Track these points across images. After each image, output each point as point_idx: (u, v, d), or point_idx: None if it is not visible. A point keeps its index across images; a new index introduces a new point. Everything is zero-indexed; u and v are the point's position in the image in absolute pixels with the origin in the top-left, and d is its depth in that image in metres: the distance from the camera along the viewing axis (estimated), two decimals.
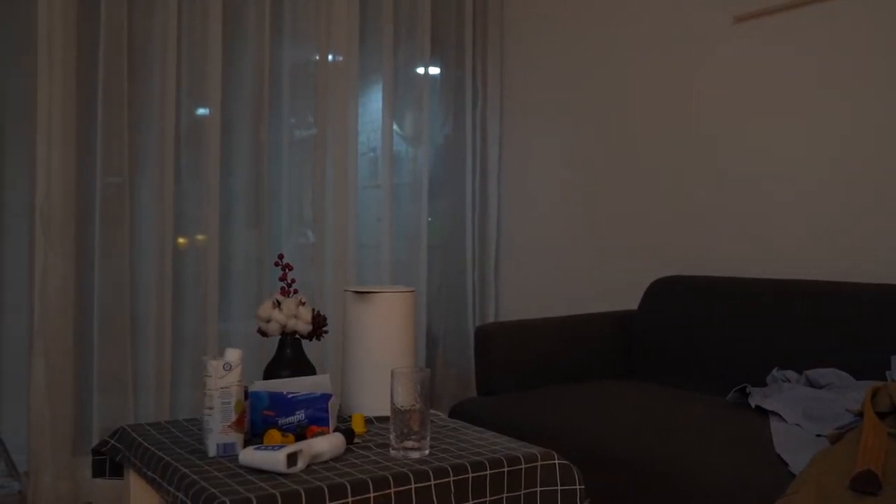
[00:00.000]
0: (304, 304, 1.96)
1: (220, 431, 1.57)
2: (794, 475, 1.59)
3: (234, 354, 1.60)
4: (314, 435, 1.63)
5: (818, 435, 1.77)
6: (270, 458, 1.44)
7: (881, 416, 1.56)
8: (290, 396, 1.71)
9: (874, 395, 1.61)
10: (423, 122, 3.54)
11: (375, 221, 3.47)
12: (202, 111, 3.06)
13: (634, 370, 2.69)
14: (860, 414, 1.62)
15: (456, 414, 2.41)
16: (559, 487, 1.61)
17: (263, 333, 1.96)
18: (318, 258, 3.26)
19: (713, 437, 1.85)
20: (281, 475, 1.43)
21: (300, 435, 1.64)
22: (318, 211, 3.27)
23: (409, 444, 1.56)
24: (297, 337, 1.96)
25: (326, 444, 1.54)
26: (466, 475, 1.50)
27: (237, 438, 1.59)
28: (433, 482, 1.46)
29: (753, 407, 2.05)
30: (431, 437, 1.64)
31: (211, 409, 1.57)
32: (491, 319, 3.71)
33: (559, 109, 3.46)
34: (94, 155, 2.82)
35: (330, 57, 3.29)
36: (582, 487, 1.62)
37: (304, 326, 1.94)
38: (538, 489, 1.60)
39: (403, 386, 1.56)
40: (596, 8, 3.29)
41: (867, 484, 1.32)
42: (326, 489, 1.37)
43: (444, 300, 3.66)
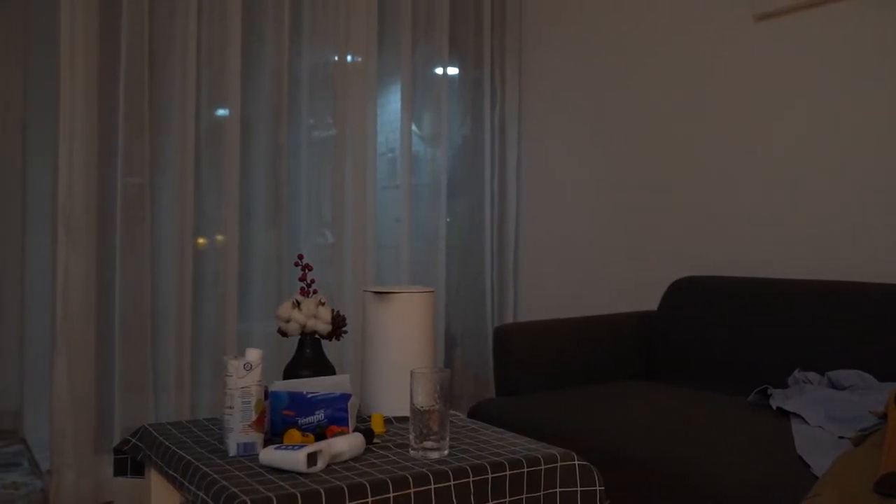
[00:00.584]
0: (323, 304, 1.96)
1: (240, 431, 1.58)
2: (816, 478, 1.58)
3: (254, 354, 1.61)
4: (334, 435, 1.63)
5: (841, 437, 1.75)
6: (290, 457, 1.44)
7: None
8: (309, 396, 1.71)
9: None
10: (441, 122, 3.54)
11: (394, 222, 3.47)
12: (222, 113, 3.08)
13: (654, 371, 2.68)
14: (884, 416, 1.61)
15: (475, 414, 2.41)
16: (579, 488, 1.61)
17: (283, 333, 1.97)
18: (336, 258, 3.27)
19: (734, 438, 1.83)
20: (301, 475, 1.43)
21: (320, 435, 1.64)
22: (336, 211, 3.28)
23: (428, 444, 1.56)
24: (316, 337, 1.96)
25: (346, 443, 1.54)
26: (486, 476, 1.50)
27: (257, 438, 1.60)
28: (452, 482, 1.46)
29: (775, 409, 2.04)
30: (451, 437, 1.64)
31: (231, 408, 1.58)
32: (509, 320, 3.70)
33: (577, 109, 3.45)
34: (115, 156, 2.85)
35: (349, 58, 3.30)
36: (602, 488, 1.61)
37: (323, 326, 1.94)
38: (557, 490, 1.59)
39: (423, 386, 1.56)
40: (614, 7, 3.28)
41: (891, 486, 1.31)
42: (346, 489, 1.37)
43: (462, 300, 3.65)
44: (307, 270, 2.04)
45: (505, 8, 3.71)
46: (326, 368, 1.94)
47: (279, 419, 1.72)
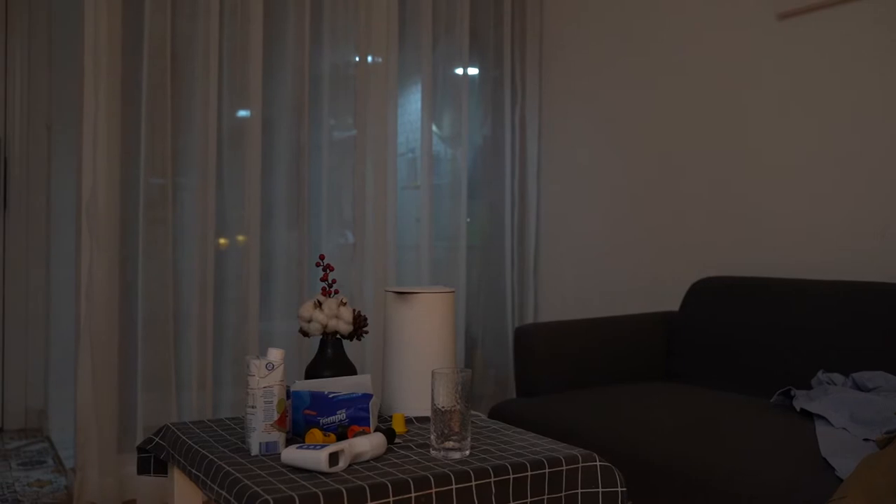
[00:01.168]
0: (345, 304, 1.97)
1: (262, 430, 1.59)
2: (840, 480, 1.56)
3: (276, 354, 1.62)
4: (355, 435, 1.63)
5: (866, 439, 1.74)
6: (312, 457, 1.45)
7: None
8: (331, 396, 1.72)
9: None
10: (461, 122, 3.54)
11: (414, 222, 3.47)
12: (243, 113, 3.10)
13: (675, 372, 2.67)
14: None
15: (495, 414, 2.41)
16: (600, 489, 1.60)
17: (305, 333, 1.97)
18: (357, 258, 3.28)
19: (756, 440, 1.82)
20: (323, 474, 1.44)
21: (341, 434, 1.65)
22: (357, 211, 3.28)
23: (449, 444, 1.56)
24: (338, 337, 1.97)
25: (368, 443, 1.54)
26: (507, 476, 1.50)
27: (279, 437, 1.60)
28: (474, 483, 1.46)
29: (798, 410, 2.02)
30: (472, 437, 1.64)
31: (254, 407, 1.59)
32: (530, 320, 3.69)
33: (598, 108, 3.44)
34: (138, 157, 2.87)
35: (369, 58, 3.31)
36: (624, 490, 1.61)
37: (345, 326, 1.95)
38: (579, 491, 1.59)
39: (444, 386, 1.56)
40: (636, 5, 3.27)
41: None
42: (368, 488, 1.37)
43: (482, 300, 3.65)
44: (329, 271, 2.04)
45: (525, 7, 3.70)
46: (348, 368, 1.95)
47: (301, 419, 1.72)
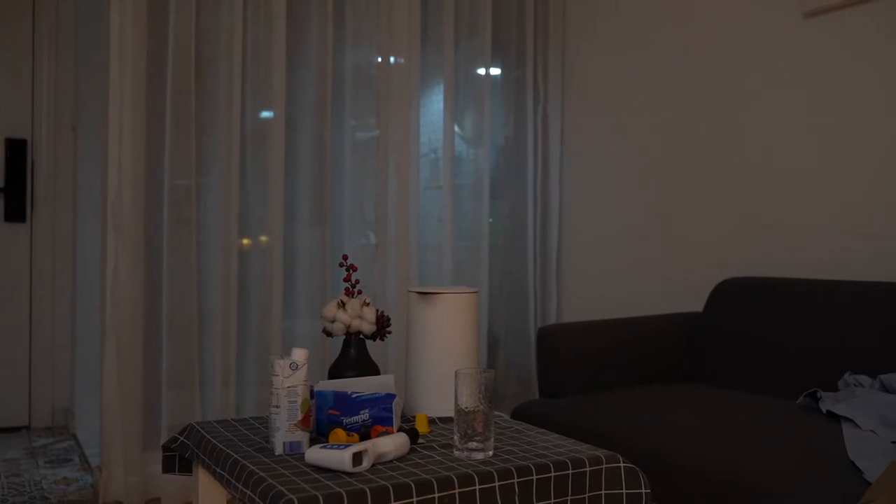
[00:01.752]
0: (368, 304, 1.97)
1: (286, 430, 1.59)
2: (868, 483, 1.55)
3: (300, 354, 1.62)
4: (378, 435, 1.64)
5: (894, 442, 1.72)
6: (336, 456, 1.45)
7: None
8: (354, 396, 1.72)
9: None
10: (483, 122, 3.54)
11: (437, 222, 3.48)
12: (266, 114, 3.11)
13: (699, 373, 2.65)
14: None
15: (518, 415, 2.40)
16: (624, 491, 1.60)
17: (328, 333, 1.98)
18: (380, 259, 3.29)
19: (782, 442, 1.81)
20: (346, 474, 1.44)
21: (365, 434, 1.65)
22: (380, 212, 3.29)
23: (472, 444, 1.56)
24: (361, 337, 1.97)
25: (391, 443, 1.55)
26: (531, 477, 1.50)
27: (303, 437, 1.61)
28: (497, 483, 1.46)
29: (825, 412, 2.00)
30: (495, 438, 1.64)
31: (278, 407, 1.60)
32: (552, 320, 3.69)
33: (621, 108, 3.43)
34: (162, 157, 2.89)
35: (391, 59, 3.32)
36: (648, 491, 1.60)
37: (368, 327, 1.95)
38: (603, 492, 1.58)
39: (468, 387, 1.56)
40: (659, 5, 3.25)
41: None
42: (391, 488, 1.37)
43: (505, 301, 3.65)
44: (352, 271, 2.05)
45: (548, 7, 3.69)
46: (371, 368, 1.95)
47: (324, 418, 1.73)
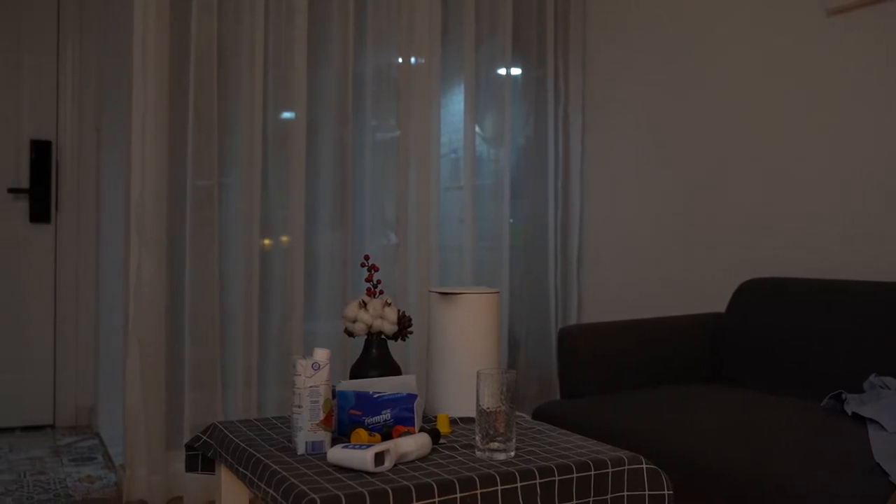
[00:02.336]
0: (389, 304, 1.98)
1: (308, 429, 1.60)
2: (894, 486, 1.53)
3: (322, 354, 1.63)
4: (400, 435, 1.64)
5: None
6: (358, 456, 1.45)
7: None
8: (376, 396, 1.73)
9: None
10: (504, 122, 3.54)
11: (457, 222, 3.48)
12: (288, 115, 3.13)
13: (721, 374, 2.63)
14: None
15: (539, 416, 2.40)
16: (647, 492, 1.59)
17: (350, 333, 1.99)
18: (401, 259, 3.29)
19: (806, 443, 1.79)
20: (368, 474, 1.44)
21: (386, 434, 1.65)
22: (400, 212, 3.30)
23: (494, 445, 1.56)
24: (382, 337, 1.97)
25: (413, 443, 1.55)
26: (553, 478, 1.50)
27: (325, 437, 1.62)
28: (519, 484, 1.46)
29: (850, 414, 1.98)
30: (516, 438, 1.64)
31: (300, 407, 1.60)
32: (573, 321, 3.68)
33: (642, 108, 3.41)
34: (184, 159, 2.91)
35: (412, 60, 3.32)
36: (670, 493, 1.59)
37: (389, 327, 1.96)
38: (625, 493, 1.58)
39: (489, 387, 1.56)
40: (681, 4, 3.23)
41: None
42: (413, 489, 1.38)
43: (525, 301, 3.64)
44: (374, 271, 2.05)
45: (569, 7, 3.68)
46: (392, 369, 1.96)
47: (346, 418, 1.74)
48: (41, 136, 3.90)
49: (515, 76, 3.65)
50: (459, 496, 1.40)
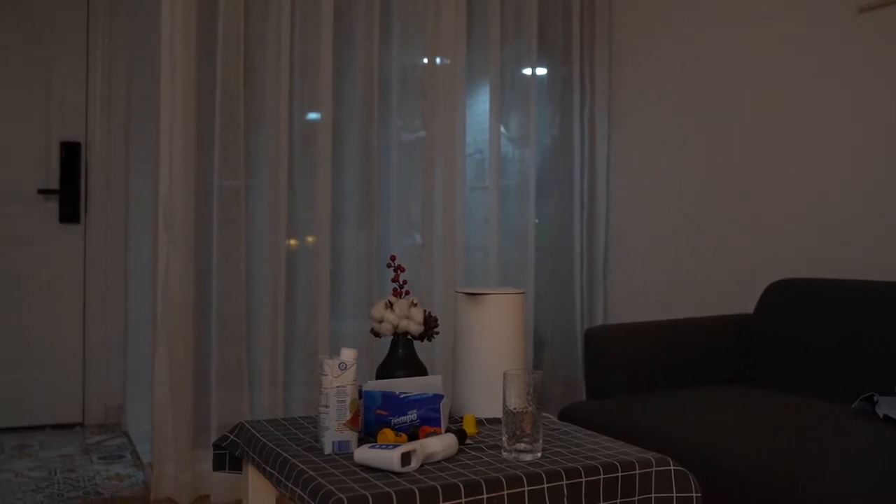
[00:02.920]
0: (416, 305, 1.98)
1: (335, 429, 1.60)
2: None
3: (349, 354, 1.63)
4: (426, 435, 1.64)
5: None
6: (385, 456, 1.45)
7: None
8: (402, 396, 1.73)
9: None
10: (530, 123, 3.53)
11: (483, 223, 3.47)
12: (314, 116, 3.14)
13: (749, 375, 2.61)
14: None
15: (565, 416, 2.39)
16: (675, 494, 1.57)
17: (376, 334, 1.99)
18: (426, 259, 3.29)
19: (837, 446, 1.77)
20: (395, 474, 1.44)
21: (412, 435, 1.65)
22: (426, 212, 3.30)
23: (521, 446, 1.55)
24: (408, 338, 1.97)
25: (440, 444, 1.55)
26: (580, 479, 1.49)
27: (352, 436, 1.62)
28: (546, 485, 1.45)
29: (881, 417, 1.96)
30: (543, 439, 1.63)
31: (327, 407, 1.61)
32: (599, 322, 3.66)
33: (669, 108, 3.39)
34: (212, 159, 2.93)
35: (437, 60, 3.32)
36: (699, 495, 1.58)
37: (416, 327, 1.95)
38: (653, 495, 1.57)
39: (516, 388, 1.55)
40: (708, 1, 3.20)
41: None
42: (440, 489, 1.37)
43: (551, 302, 3.63)
44: (400, 272, 2.05)
45: (594, 6, 3.66)
46: (419, 369, 1.95)
47: (373, 418, 1.74)
48: (71, 137, 3.95)
49: (541, 76, 3.64)
50: (486, 497, 1.40)
